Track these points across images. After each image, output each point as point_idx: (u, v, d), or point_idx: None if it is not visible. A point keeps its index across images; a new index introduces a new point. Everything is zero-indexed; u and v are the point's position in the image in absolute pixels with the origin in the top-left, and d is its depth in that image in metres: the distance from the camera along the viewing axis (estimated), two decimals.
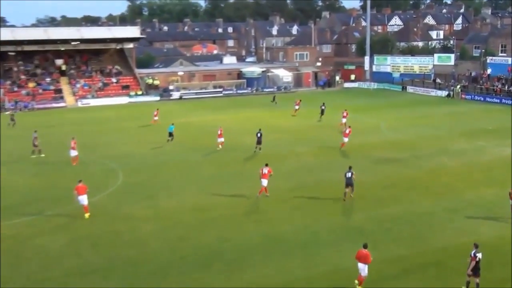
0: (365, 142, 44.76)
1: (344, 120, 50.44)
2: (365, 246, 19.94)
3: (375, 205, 28.96)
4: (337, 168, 36.56)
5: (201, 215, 27.86)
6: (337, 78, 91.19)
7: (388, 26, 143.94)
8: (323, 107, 56.27)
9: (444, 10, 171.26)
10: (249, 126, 52.61)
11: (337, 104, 61.71)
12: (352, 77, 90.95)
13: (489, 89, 70.92)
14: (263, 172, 30.07)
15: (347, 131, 42.60)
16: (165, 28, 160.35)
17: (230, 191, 31.83)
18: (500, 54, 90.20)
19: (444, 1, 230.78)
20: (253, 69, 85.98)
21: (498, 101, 67.32)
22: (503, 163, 37.58)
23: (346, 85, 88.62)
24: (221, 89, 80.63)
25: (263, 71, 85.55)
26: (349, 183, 29.38)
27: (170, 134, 44.86)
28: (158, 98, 75.14)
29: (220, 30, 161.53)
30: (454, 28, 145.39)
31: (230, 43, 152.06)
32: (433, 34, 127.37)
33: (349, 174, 29.43)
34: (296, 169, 36.78)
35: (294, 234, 25.18)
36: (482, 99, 69.24)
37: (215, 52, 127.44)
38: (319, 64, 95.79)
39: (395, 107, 64.22)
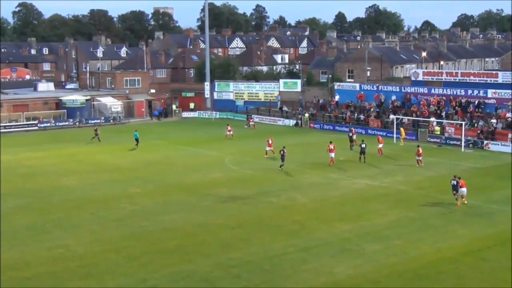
0: (208, 179, 45.48)
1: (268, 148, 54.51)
2: (459, 178, 36.18)
3: (221, 250, 29.41)
4: (178, 209, 36.72)
5: (15, 275, 26.33)
6: (174, 107, 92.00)
7: (229, 49, 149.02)
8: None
9: (289, 33, 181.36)
10: (72, 165, 51.28)
11: (175, 137, 62.11)
12: (191, 105, 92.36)
13: (338, 117, 75.79)
14: (330, 148, 49.92)
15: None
16: None
17: (52, 242, 30.59)
18: (347, 80, 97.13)
19: (288, 23, 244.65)
20: (75, 98, 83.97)
21: (348, 129, 71.95)
22: (356, 196, 40.24)
23: (185, 114, 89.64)
24: (36, 122, 77.53)
25: (87, 100, 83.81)
26: (363, 151, 50.50)
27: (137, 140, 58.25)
28: None
29: (33, 52, 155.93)
30: (300, 52, 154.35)
31: (46, 66, 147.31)
32: (278, 58, 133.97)
33: (363, 145, 50.44)
34: (130, 213, 36.38)
35: None
36: (332, 127, 73.78)
37: (27, 77, 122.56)
38: (153, 91, 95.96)
39: (240, 139, 66.05)
